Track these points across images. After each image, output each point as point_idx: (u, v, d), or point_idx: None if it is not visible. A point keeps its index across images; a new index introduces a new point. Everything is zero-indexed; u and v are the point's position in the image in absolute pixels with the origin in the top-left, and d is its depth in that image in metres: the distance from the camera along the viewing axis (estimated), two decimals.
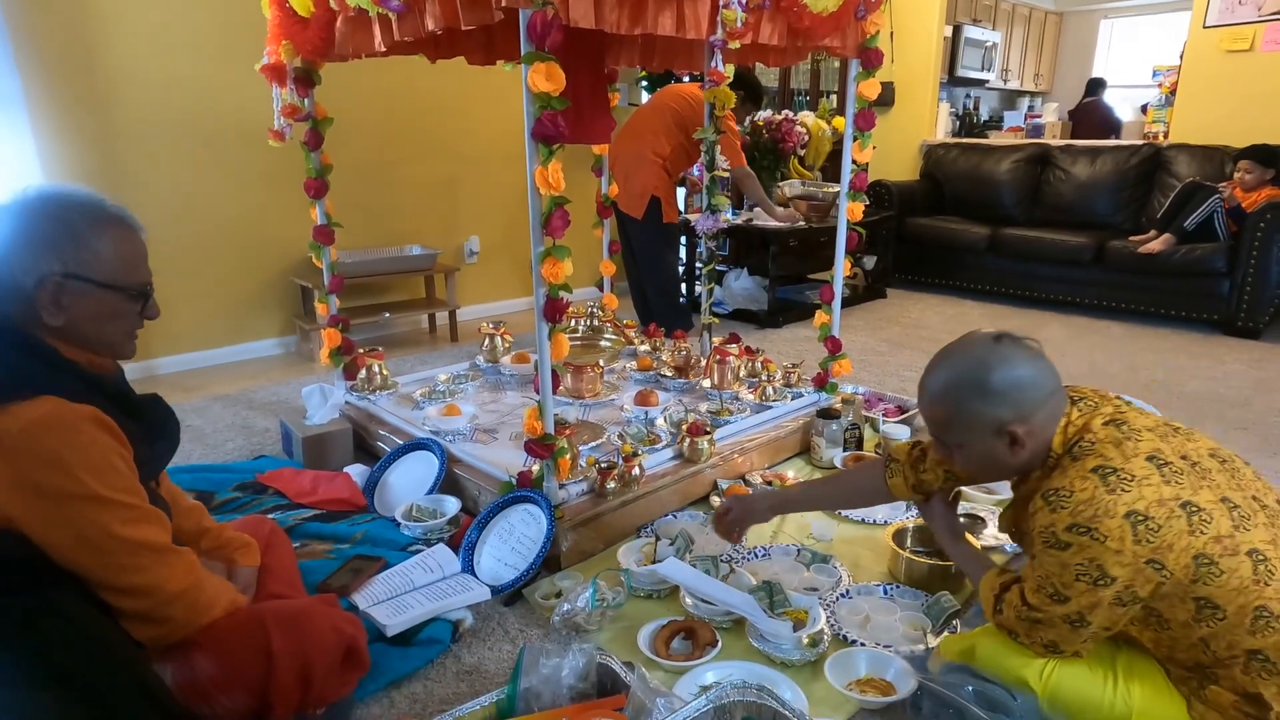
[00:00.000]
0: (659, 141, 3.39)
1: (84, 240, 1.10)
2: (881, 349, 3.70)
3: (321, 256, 2.46)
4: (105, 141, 3.00)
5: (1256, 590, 1.08)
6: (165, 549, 1.11)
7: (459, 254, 4.21)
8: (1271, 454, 2.48)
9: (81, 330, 1.12)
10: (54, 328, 1.10)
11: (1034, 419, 1.18)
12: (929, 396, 1.26)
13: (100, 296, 1.12)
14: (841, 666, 1.41)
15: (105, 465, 1.05)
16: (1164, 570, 1.08)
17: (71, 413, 1.04)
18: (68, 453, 1.02)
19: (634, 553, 1.81)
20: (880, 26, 2.23)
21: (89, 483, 1.02)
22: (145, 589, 1.08)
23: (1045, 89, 8.34)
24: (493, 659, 1.51)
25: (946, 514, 1.51)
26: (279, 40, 2.12)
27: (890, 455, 1.56)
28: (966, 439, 1.23)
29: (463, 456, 2.11)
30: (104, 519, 1.04)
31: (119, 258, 1.14)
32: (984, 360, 1.19)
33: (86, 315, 1.11)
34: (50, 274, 1.08)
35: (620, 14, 1.64)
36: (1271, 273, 3.72)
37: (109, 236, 1.13)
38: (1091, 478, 1.11)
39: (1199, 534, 1.08)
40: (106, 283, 1.12)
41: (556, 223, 1.62)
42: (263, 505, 1.98)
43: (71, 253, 1.09)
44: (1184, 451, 1.16)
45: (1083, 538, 1.10)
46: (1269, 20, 4.30)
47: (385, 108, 3.71)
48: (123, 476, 1.08)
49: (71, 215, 1.11)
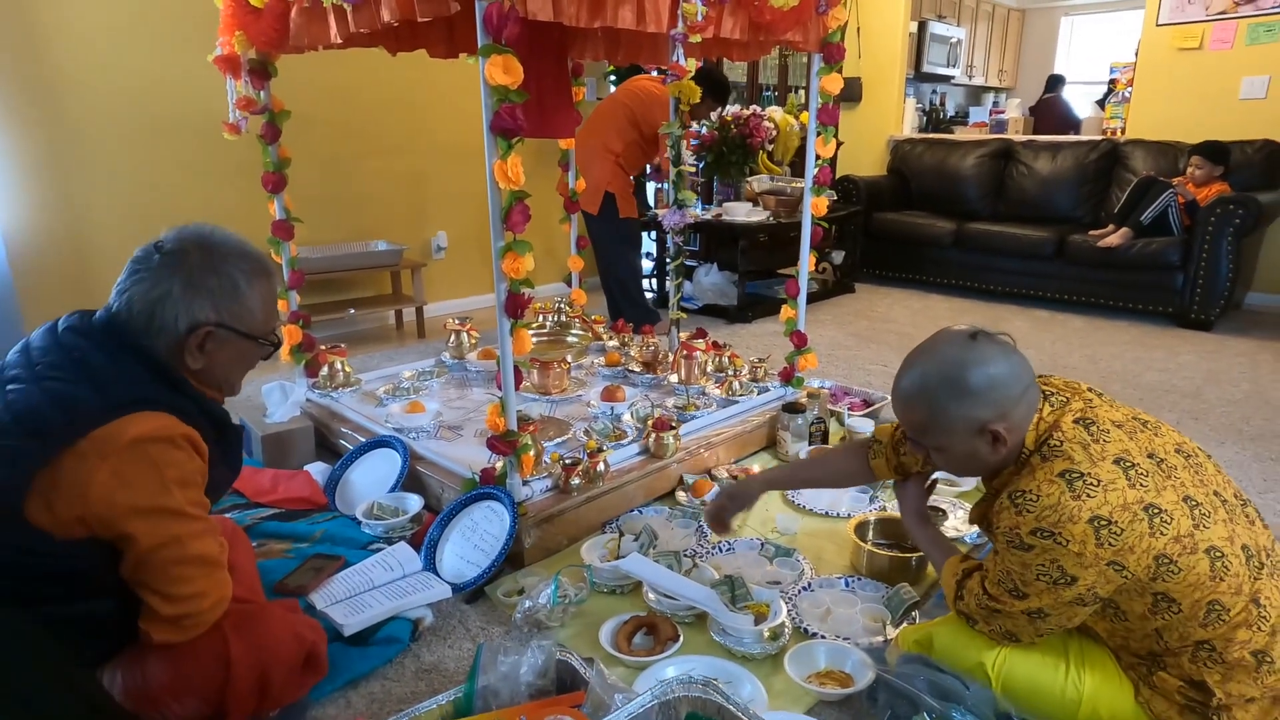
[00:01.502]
0: (611, 137, 3.43)
1: (241, 294, 1.18)
2: (849, 343, 3.74)
3: (281, 252, 2.42)
4: (53, 134, 2.91)
5: (1212, 586, 1.10)
6: (218, 565, 1.16)
7: (426, 249, 4.17)
8: (1219, 443, 2.55)
9: (214, 373, 1.20)
10: (191, 369, 1.17)
11: (1013, 415, 1.16)
12: (904, 400, 1.23)
13: (241, 345, 1.20)
14: (801, 659, 1.43)
15: (193, 481, 1.12)
16: (1125, 571, 1.10)
17: (180, 430, 1.10)
18: (167, 467, 1.08)
19: (598, 548, 1.81)
20: (841, 21, 2.24)
21: (178, 497, 1.09)
22: (190, 597, 1.11)
23: (1009, 85, 8.48)
24: (453, 657, 1.50)
25: (917, 497, 1.51)
26: (232, 31, 2.07)
27: (874, 436, 1.56)
28: (947, 441, 1.20)
29: (426, 454, 2.09)
30: (180, 532, 1.09)
31: (265, 310, 1.22)
32: (960, 360, 1.17)
33: (224, 360, 1.20)
34: (205, 322, 1.16)
35: (579, 7, 1.62)
36: (1221, 266, 3.81)
37: (259, 289, 1.21)
38: (1058, 482, 1.11)
39: (1159, 535, 1.09)
40: (251, 334, 1.21)
41: (516, 217, 1.61)
42: (220, 505, 1.94)
43: (227, 304, 1.17)
44: (1151, 449, 1.16)
45: (1046, 541, 1.11)
46: (1215, 20, 4.40)
47: (349, 100, 3.65)
48: (200, 494, 1.14)
49: (231, 268, 1.18)
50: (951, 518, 1.98)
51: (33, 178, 2.89)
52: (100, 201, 3.01)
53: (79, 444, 1.03)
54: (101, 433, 1.03)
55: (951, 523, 1.96)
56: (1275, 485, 2.27)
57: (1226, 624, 1.11)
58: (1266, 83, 4.30)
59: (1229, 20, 4.36)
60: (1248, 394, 3.03)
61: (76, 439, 1.03)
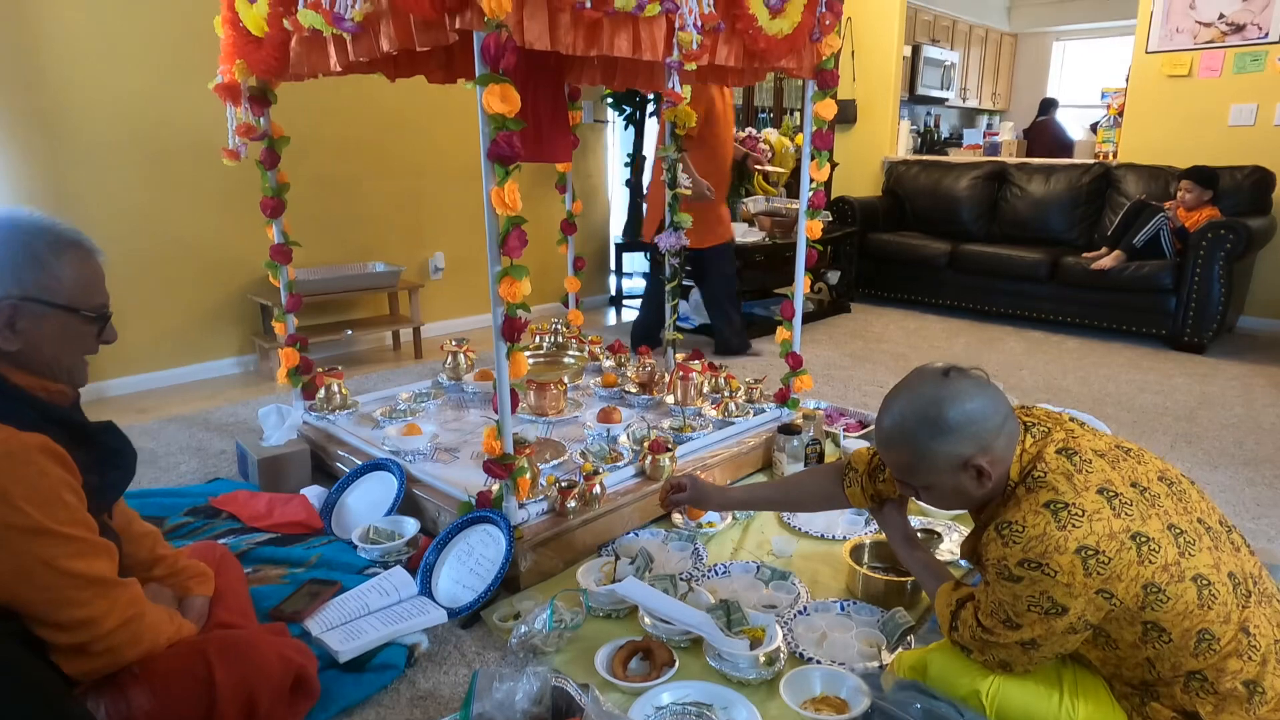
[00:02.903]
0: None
1: (44, 263, 1.09)
2: (845, 363, 3.75)
3: (279, 276, 2.43)
4: (54, 159, 2.93)
5: (1200, 614, 1.10)
6: (109, 582, 1.09)
7: (423, 270, 4.19)
8: (1213, 467, 2.56)
9: (37, 355, 1.11)
10: (7, 353, 1.08)
11: (995, 448, 1.17)
12: (887, 443, 1.25)
13: (58, 319, 1.11)
14: (797, 685, 1.42)
15: (52, 497, 1.03)
16: (1114, 599, 1.10)
17: (19, 443, 1.02)
18: (11, 485, 1.00)
19: (594, 572, 1.81)
20: (835, 49, 2.28)
21: (33, 515, 1.00)
22: (83, 622, 1.05)
23: (1003, 107, 8.59)
24: (448, 684, 1.49)
25: (902, 522, 1.52)
26: (233, 59, 2.10)
27: (849, 463, 1.57)
28: (933, 479, 1.22)
29: (422, 476, 2.09)
30: (47, 552, 1.01)
31: (78, 281, 1.13)
32: (936, 398, 1.18)
33: (43, 339, 1.10)
34: (7, 297, 1.07)
35: (575, 36, 1.65)
36: (1214, 290, 3.84)
37: (68, 259, 1.12)
38: (1043, 513, 1.12)
39: (1148, 564, 1.09)
40: (65, 305, 1.11)
41: (513, 243, 1.62)
42: (215, 530, 1.94)
43: (30, 275, 1.08)
44: (1134, 477, 1.17)
45: (1034, 572, 1.11)
46: (1203, 49, 4.48)
47: (346, 122, 3.69)
48: (70, 509, 1.05)
49: (30, 238, 1.10)
50: (947, 540, 1.99)
51: (35, 201, 2.91)
52: (100, 224, 3.03)
53: None
54: None
55: (946, 545, 1.96)
56: (1269, 510, 2.27)
57: (1217, 654, 1.11)
58: (1255, 110, 4.37)
59: (1216, 49, 4.44)
60: (1241, 418, 3.04)
61: None
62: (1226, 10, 4.38)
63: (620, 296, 5.20)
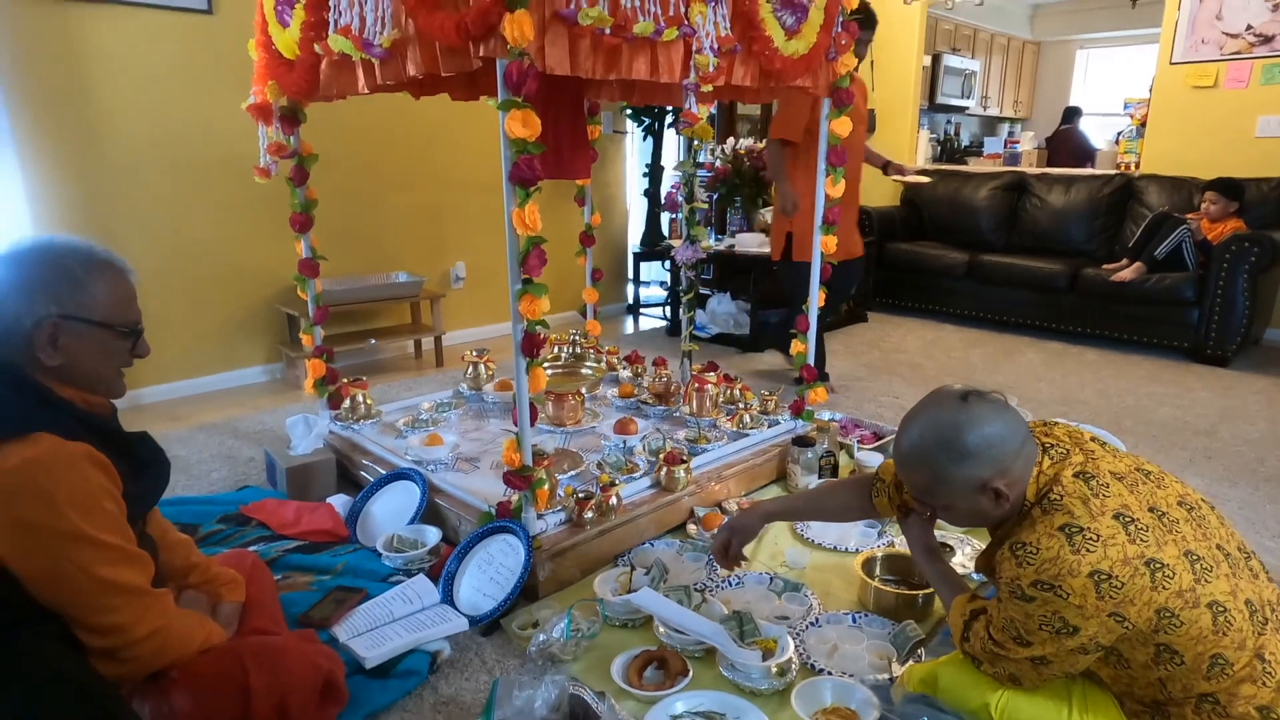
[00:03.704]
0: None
1: (79, 283, 1.17)
2: (861, 374, 3.76)
3: (306, 289, 2.50)
4: (94, 176, 3.04)
5: (1215, 640, 1.11)
6: (140, 591, 1.14)
7: (445, 279, 4.26)
8: (1232, 483, 2.55)
9: (77, 369, 1.18)
10: (50, 367, 1.15)
11: (1012, 470, 1.19)
12: (905, 464, 1.27)
13: (95, 335, 1.18)
14: (808, 696, 1.45)
15: (94, 504, 1.09)
16: (1126, 622, 1.11)
17: (66, 451, 1.08)
18: (58, 490, 1.05)
19: (610, 582, 1.85)
20: (850, 68, 2.31)
21: (75, 520, 1.06)
22: (113, 628, 1.10)
23: (1025, 115, 8.53)
24: (469, 690, 1.54)
25: (924, 533, 1.54)
26: (265, 81, 2.18)
27: (878, 475, 1.60)
28: (951, 500, 1.24)
29: (444, 486, 2.15)
30: (82, 557, 1.07)
31: (112, 299, 1.20)
32: (955, 423, 1.19)
33: (82, 354, 1.17)
34: (48, 315, 1.14)
35: (595, 60, 1.70)
36: (1238, 303, 3.81)
37: (102, 279, 1.20)
38: (1058, 536, 1.13)
39: (1161, 589, 1.10)
40: (101, 322, 1.18)
41: (533, 262, 1.67)
42: (246, 538, 2.01)
43: (68, 295, 1.16)
44: (1152, 502, 1.17)
45: (1047, 593, 1.12)
46: (1229, 60, 4.44)
47: (370, 136, 3.78)
48: (110, 516, 1.11)
49: (67, 260, 1.18)
50: (959, 554, 2.00)
51: (74, 215, 3.01)
52: (138, 237, 3.13)
53: None
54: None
55: (959, 559, 1.98)
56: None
57: (1230, 678, 1.12)
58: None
59: (1244, 60, 4.40)
60: (1264, 433, 3.01)
61: None
62: (1255, 21, 4.34)
63: (638, 305, 5.25)
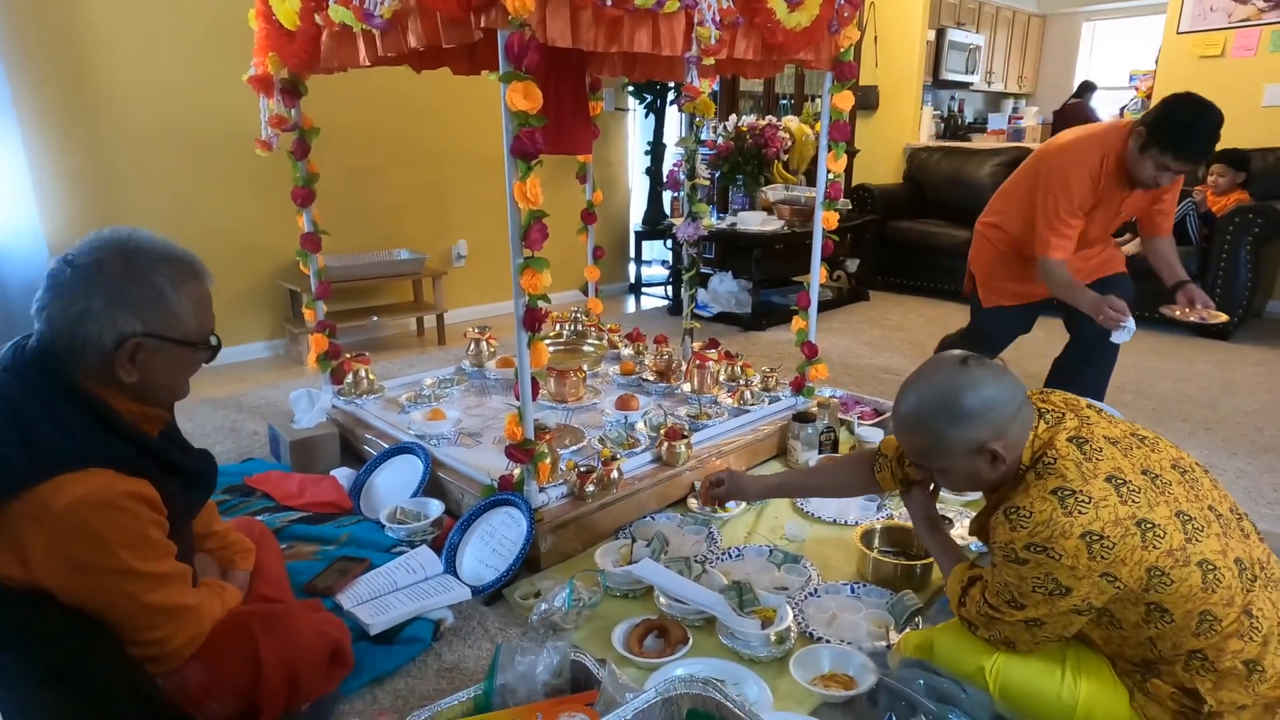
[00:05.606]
0: (997, 202, 2.81)
1: (167, 299, 1.12)
2: (862, 351, 3.77)
3: (309, 264, 2.51)
4: (95, 149, 3.03)
5: (1204, 597, 1.13)
6: (181, 609, 1.15)
7: (447, 257, 4.26)
8: (1231, 453, 2.57)
9: (150, 384, 1.14)
10: (124, 384, 1.11)
11: (1009, 433, 1.21)
12: (904, 428, 1.30)
13: (175, 352, 1.14)
14: (806, 662, 1.48)
15: (143, 538, 1.09)
16: (1117, 581, 1.14)
17: (117, 491, 1.05)
18: (110, 532, 1.05)
19: (611, 554, 1.87)
20: (853, 40, 2.29)
21: (127, 559, 1.06)
22: (154, 642, 1.13)
23: (1029, 91, 8.44)
24: (472, 657, 1.57)
25: (926, 504, 1.57)
26: (266, 52, 2.16)
27: (879, 450, 1.62)
28: (948, 463, 1.26)
29: (446, 460, 2.16)
30: (131, 588, 1.09)
31: (196, 313, 1.16)
32: (954, 385, 1.22)
33: (158, 369, 1.13)
34: (131, 334, 1.09)
35: (597, 32, 1.69)
36: (1240, 275, 3.80)
37: (188, 292, 1.15)
38: (1051, 499, 1.15)
39: (1152, 549, 1.13)
40: (183, 340, 1.14)
41: (535, 235, 1.67)
42: (251, 508, 2.03)
43: (153, 312, 1.11)
44: (1146, 465, 1.20)
45: (1039, 555, 1.15)
46: (1238, 27, 4.39)
47: (372, 113, 3.76)
48: (155, 545, 1.11)
49: (154, 274, 1.12)
50: (958, 525, 2.02)
51: (77, 188, 3.02)
52: (139, 210, 3.14)
53: (13, 504, 1.02)
54: (35, 495, 1.01)
55: (957, 530, 1.99)
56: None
57: (1219, 634, 1.15)
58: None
59: (1252, 28, 4.35)
60: (1264, 404, 3.02)
61: (8, 499, 1.02)
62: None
63: (640, 284, 5.24)
